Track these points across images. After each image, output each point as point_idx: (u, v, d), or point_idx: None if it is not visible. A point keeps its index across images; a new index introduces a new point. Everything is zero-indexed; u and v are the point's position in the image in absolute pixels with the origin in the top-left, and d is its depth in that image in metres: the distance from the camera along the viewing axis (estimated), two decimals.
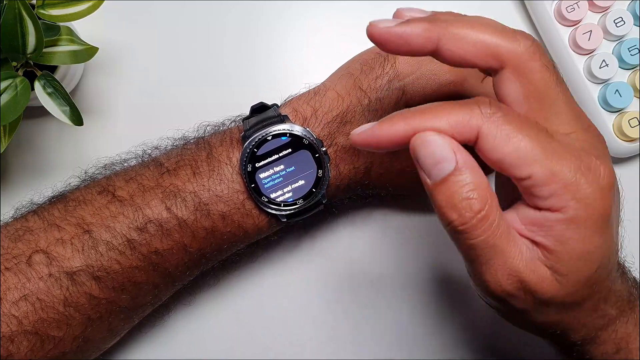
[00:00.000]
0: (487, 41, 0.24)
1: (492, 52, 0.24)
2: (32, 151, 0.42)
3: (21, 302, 0.30)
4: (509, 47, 0.24)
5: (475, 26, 0.24)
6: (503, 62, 0.24)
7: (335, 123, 0.34)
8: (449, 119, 0.23)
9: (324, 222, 0.42)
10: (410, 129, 0.23)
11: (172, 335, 0.41)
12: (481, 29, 0.24)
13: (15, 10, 0.31)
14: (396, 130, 0.24)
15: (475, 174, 0.23)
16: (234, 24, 0.44)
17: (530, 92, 0.24)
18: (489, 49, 0.24)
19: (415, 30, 0.24)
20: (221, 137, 0.34)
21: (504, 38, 0.24)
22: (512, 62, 0.24)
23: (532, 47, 0.24)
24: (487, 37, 0.24)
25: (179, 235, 0.32)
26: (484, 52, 0.24)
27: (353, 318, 0.41)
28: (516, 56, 0.24)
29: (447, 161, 0.23)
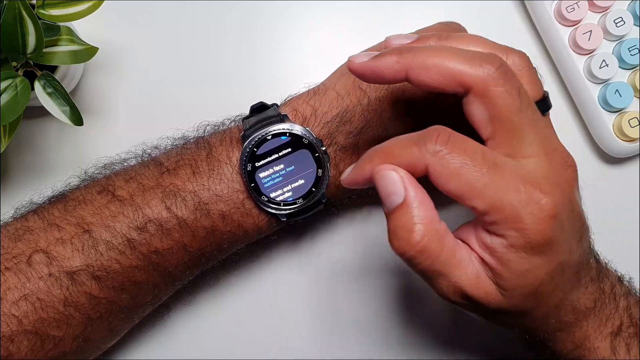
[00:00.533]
0: (451, 69, 0.25)
1: (456, 80, 0.26)
2: (32, 151, 0.42)
3: (21, 301, 0.30)
4: (472, 74, 0.25)
5: (442, 55, 0.26)
6: (467, 88, 0.26)
7: (335, 122, 0.34)
8: (401, 159, 0.25)
9: (324, 221, 0.42)
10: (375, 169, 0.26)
11: (172, 335, 0.41)
12: (447, 57, 0.26)
13: (15, 10, 0.31)
14: (366, 172, 0.27)
15: (421, 208, 0.25)
16: (234, 24, 0.44)
17: (494, 115, 0.26)
18: (453, 76, 0.26)
19: (385, 64, 0.27)
20: (221, 136, 0.34)
21: (469, 65, 0.25)
22: (476, 88, 0.25)
23: (497, 72, 0.25)
24: (452, 64, 0.26)
25: (179, 235, 0.32)
26: (449, 79, 0.26)
27: (353, 317, 0.41)
28: (480, 82, 0.25)
29: (396, 195, 0.25)
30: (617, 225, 0.42)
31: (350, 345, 0.41)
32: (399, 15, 0.44)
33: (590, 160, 0.43)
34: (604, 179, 0.43)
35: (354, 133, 0.34)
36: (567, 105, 0.44)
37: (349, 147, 0.34)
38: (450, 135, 0.25)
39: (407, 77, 0.27)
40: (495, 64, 0.25)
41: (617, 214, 0.43)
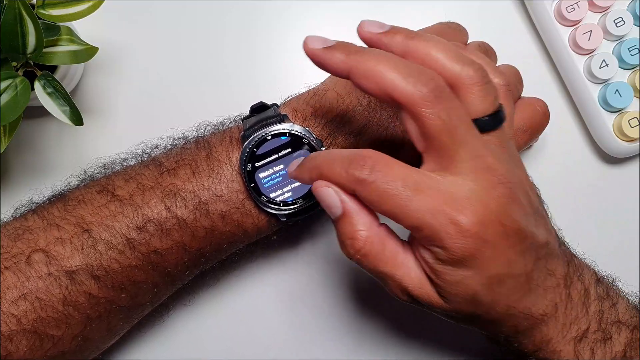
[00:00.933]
0: (387, 83, 0.26)
1: (389, 95, 0.26)
2: (32, 151, 0.42)
3: (20, 301, 0.30)
4: (404, 92, 0.26)
5: (383, 65, 0.26)
6: (398, 105, 0.26)
7: (335, 123, 0.34)
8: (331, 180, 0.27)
9: (324, 221, 0.42)
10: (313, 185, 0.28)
11: (171, 335, 0.41)
12: (387, 70, 0.26)
13: (15, 10, 0.31)
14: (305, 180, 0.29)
15: (360, 215, 0.27)
16: (234, 24, 0.44)
17: (424, 133, 0.26)
18: (387, 91, 0.26)
19: (332, 59, 0.28)
20: (221, 136, 0.34)
21: (404, 81, 0.26)
22: (406, 106, 0.26)
23: (429, 93, 0.26)
24: (388, 78, 0.26)
25: (179, 235, 0.32)
26: (383, 92, 0.26)
27: (353, 317, 0.41)
28: (410, 101, 0.26)
29: (335, 207, 0.28)
30: (617, 225, 0.42)
31: (350, 345, 0.41)
32: (399, 15, 0.44)
33: (590, 160, 0.43)
34: (604, 179, 0.43)
35: (354, 133, 0.34)
36: (567, 105, 0.44)
37: (349, 148, 0.34)
38: (375, 161, 0.26)
39: (349, 78, 0.28)
40: (429, 83, 0.26)
41: (617, 214, 0.43)
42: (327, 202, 0.28)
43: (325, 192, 0.28)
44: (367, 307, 0.41)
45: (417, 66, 0.27)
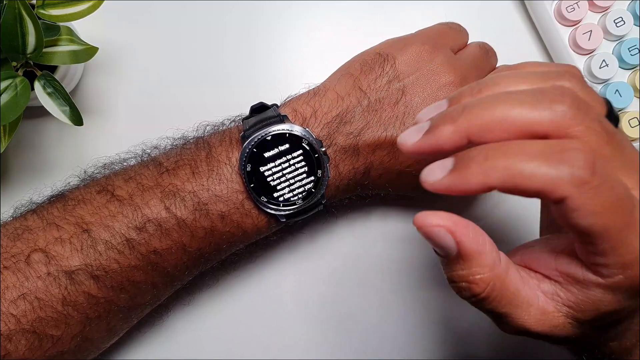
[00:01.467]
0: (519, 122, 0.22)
1: (528, 132, 0.22)
2: (32, 151, 0.42)
3: (19, 300, 0.30)
4: (544, 120, 0.22)
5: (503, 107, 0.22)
6: (543, 136, 0.22)
7: (335, 123, 0.34)
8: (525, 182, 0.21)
9: (324, 222, 0.42)
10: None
11: (171, 335, 0.41)
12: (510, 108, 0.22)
13: (15, 10, 0.31)
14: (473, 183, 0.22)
15: (480, 258, 0.23)
16: (234, 24, 0.44)
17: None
18: (524, 130, 0.22)
19: (442, 139, 0.23)
20: (220, 136, 0.34)
21: (538, 110, 0.22)
22: (553, 134, 0.22)
23: (572, 110, 0.22)
24: (518, 116, 0.22)
25: (178, 235, 0.32)
26: (521, 133, 0.22)
27: (353, 318, 0.41)
28: (555, 126, 0.22)
29: (448, 249, 0.23)
30: None
31: (350, 345, 0.41)
32: (399, 15, 0.44)
33: None
34: None
35: (354, 134, 0.34)
36: None
37: (348, 148, 0.34)
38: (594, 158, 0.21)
39: (472, 142, 0.22)
40: (566, 100, 0.22)
41: None
42: (438, 242, 0.23)
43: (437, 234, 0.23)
44: (368, 308, 0.41)
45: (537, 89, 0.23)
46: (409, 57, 0.35)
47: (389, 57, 0.35)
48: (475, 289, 0.23)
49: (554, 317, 0.24)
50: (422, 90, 0.34)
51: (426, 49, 0.35)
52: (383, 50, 0.35)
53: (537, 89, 0.23)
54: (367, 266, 0.41)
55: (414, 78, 0.34)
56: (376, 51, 0.36)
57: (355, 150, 0.34)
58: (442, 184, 0.22)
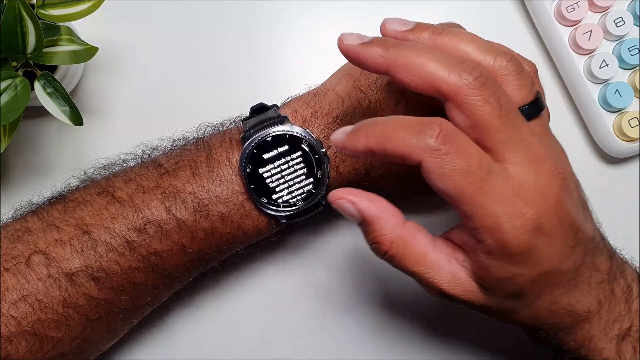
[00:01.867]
0: (430, 74, 0.26)
1: (434, 86, 0.26)
2: (32, 151, 0.42)
3: (20, 302, 0.30)
4: (449, 82, 0.25)
5: (424, 57, 0.26)
6: (444, 96, 0.26)
7: (335, 124, 0.34)
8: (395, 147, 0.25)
9: (324, 222, 0.42)
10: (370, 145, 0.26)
11: (171, 336, 0.41)
12: (428, 61, 0.26)
13: (15, 10, 0.31)
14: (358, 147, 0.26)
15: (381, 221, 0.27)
16: (234, 24, 0.44)
17: (474, 123, 0.25)
18: (431, 83, 0.26)
19: (370, 55, 0.27)
20: (221, 137, 0.34)
21: (447, 72, 0.25)
22: (452, 97, 0.25)
23: (474, 81, 0.25)
24: (431, 70, 0.26)
25: (178, 236, 0.32)
26: (427, 84, 0.26)
27: (353, 318, 0.41)
28: (456, 90, 0.25)
29: (354, 217, 0.28)
30: (617, 225, 0.42)
31: (350, 345, 0.41)
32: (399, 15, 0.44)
33: (590, 160, 0.43)
34: (604, 179, 0.43)
35: None
36: (567, 105, 0.43)
37: None
38: (452, 132, 0.25)
39: (388, 73, 0.27)
40: (474, 72, 0.25)
41: (617, 214, 0.43)
42: (345, 212, 0.28)
43: (342, 205, 0.28)
44: (367, 308, 0.41)
45: (457, 56, 0.26)
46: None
47: None
48: (381, 247, 0.28)
49: (465, 281, 0.28)
50: None
51: None
52: None
53: (457, 57, 0.26)
54: (367, 266, 0.41)
55: None
56: None
57: None
58: (340, 143, 0.27)
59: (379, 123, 0.26)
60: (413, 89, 0.26)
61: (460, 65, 0.25)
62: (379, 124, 0.26)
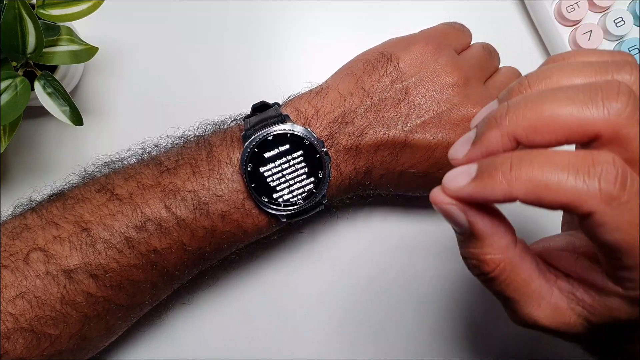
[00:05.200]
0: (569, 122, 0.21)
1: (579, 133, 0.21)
2: (32, 151, 0.42)
3: (18, 299, 0.30)
4: (596, 119, 0.20)
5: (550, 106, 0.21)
6: (595, 136, 0.21)
7: (337, 123, 0.34)
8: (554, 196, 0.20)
9: (325, 221, 0.42)
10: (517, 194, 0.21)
11: (170, 334, 0.40)
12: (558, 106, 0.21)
13: (15, 10, 0.31)
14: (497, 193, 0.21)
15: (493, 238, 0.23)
16: (235, 23, 0.44)
17: (629, 159, 0.21)
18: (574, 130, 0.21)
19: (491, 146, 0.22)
20: (221, 136, 0.34)
21: (590, 108, 0.20)
22: (605, 134, 0.21)
23: (629, 109, 0.20)
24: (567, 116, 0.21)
25: (178, 234, 0.32)
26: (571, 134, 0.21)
27: (353, 318, 0.41)
28: (609, 125, 0.20)
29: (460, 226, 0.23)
30: None
31: (350, 345, 0.41)
32: (399, 15, 0.44)
33: None
34: None
35: (356, 134, 0.34)
36: None
37: (350, 148, 0.34)
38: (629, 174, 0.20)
39: (522, 143, 0.21)
40: (621, 98, 0.20)
41: None
42: (451, 219, 0.23)
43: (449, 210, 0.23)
44: (368, 307, 0.41)
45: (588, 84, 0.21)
46: (412, 57, 0.35)
47: (393, 57, 0.35)
48: (484, 267, 0.23)
49: (567, 314, 0.24)
50: (425, 91, 0.34)
51: (430, 49, 0.35)
52: (386, 49, 0.35)
53: (588, 84, 0.21)
54: (367, 265, 0.41)
55: (417, 78, 0.34)
56: (379, 51, 0.36)
57: (357, 150, 0.34)
58: (465, 192, 0.22)
59: (527, 162, 0.20)
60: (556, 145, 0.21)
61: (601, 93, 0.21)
62: (529, 164, 0.20)
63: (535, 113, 0.21)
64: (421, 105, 0.34)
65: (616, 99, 0.20)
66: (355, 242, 0.42)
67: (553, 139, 0.21)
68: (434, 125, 0.34)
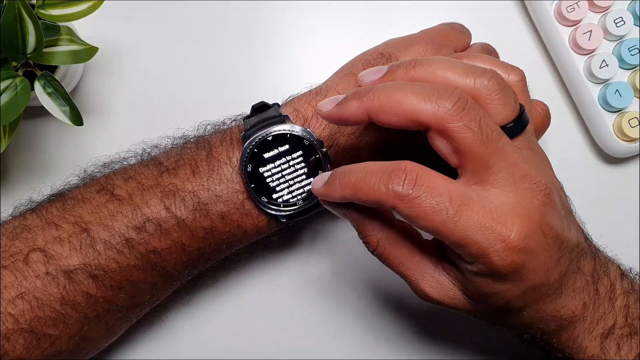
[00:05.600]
0: (407, 109, 0.26)
1: (414, 120, 0.26)
2: (32, 151, 0.42)
3: (17, 300, 0.30)
4: (428, 112, 0.26)
5: (397, 95, 0.26)
6: (426, 126, 0.26)
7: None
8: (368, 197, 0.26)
9: (324, 222, 0.42)
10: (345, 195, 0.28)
11: (170, 334, 0.40)
12: (403, 97, 0.26)
13: (15, 10, 0.31)
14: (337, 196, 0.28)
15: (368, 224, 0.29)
16: (235, 23, 0.44)
17: (457, 148, 0.26)
18: (410, 117, 0.26)
19: (348, 111, 0.28)
20: (221, 136, 0.34)
21: (424, 102, 0.26)
22: (434, 125, 0.26)
23: (453, 108, 0.25)
24: (408, 104, 0.26)
25: (178, 235, 0.32)
26: (407, 120, 0.26)
27: (352, 318, 0.41)
28: (436, 120, 0.26)
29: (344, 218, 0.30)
30: (617, 225, 0.42)
31: (349, 345, 0.41)
32: (399, 15, 0.44)
33: (590, 160, 0.43)
34: (604, 179, 0.43)
35: (355, 135, 0.34)
36: (567, 105, 0.44)
37: (350, 149, 0.34)
38: (417, 175, 0.25)
39: (370, 120, 0.27)
40: (451, 98, 0.26)
41: (617, 214, 0.43)
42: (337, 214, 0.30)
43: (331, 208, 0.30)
44: (366, 307, 0.41)
45: (431, 85, 0.27)
46: (412, 58, 0.35)
47: (392, 58, 0.35)
48: (369, 246, 0.29)
49: (450, 289, 0.29)
50: None
51: (429, 50, 0.35)
52: (386, 50, 0.35)
53: (432, 85, 0.27)
54: (367, 266, 0.41)
55: None
56: (379, 51, 0.35)
57: (357, 150, 0.34)
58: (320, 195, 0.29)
59: (351, 172, 0.27)
60: (397, 127, 0.27)
61: (437, 93, 0.26)
62: (351, 173, 0.27)
63: (387, 98, 0.27)
64: None
65: (447, 99, 0.26)
66: (354, 243, 0.41)
67: (394, 121, 0.27)
68: None
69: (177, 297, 0.40)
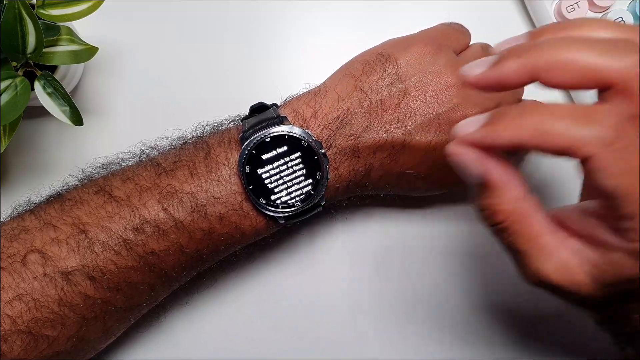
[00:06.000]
0: (587, 65, 0.22)
1: (595, 77, 0.22)
2: (32, 151, 0.42)
3: (15, 301, 0.30)
4: (613, 69, 0.22)
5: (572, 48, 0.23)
6: (608, 85, 0.22)
7: (335, 125, 0.34)
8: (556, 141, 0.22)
9: (322, 223, 0.42)
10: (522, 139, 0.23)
11: (168, 335, 0.41)
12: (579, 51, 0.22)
13: (15, 10, 0.31)
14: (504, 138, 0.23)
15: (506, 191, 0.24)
16: (234, 23, 0.44)
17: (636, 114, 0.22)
18: (590, 74, 0.22)
19: (509, 70, 0.24)
20: (219, 137, 0.34)
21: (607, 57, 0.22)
22: (619, 85, 0.22)
23: None
24: (587, 59, 0.22)
25: (176, 236, 0.32)
26: (585, 77, 0.22)
27: (351, 318, 0.41)
28: (623, 77, 0.22)
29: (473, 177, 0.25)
30: None
31: (348, 346, 0.41)
32: (399, 15, 0.44)
33: None
34: None
35: (354, 135, 0.34)
36: None
37: (349, 150, 0.34)
38: (628, 121, 0.21)
39: (537, 79, 0.23)
40: (632, 54, 0.22)
41: None
42: (466, 168, 0.25)
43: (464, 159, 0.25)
44: (366, 308, 0.41)
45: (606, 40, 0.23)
46: (411, 58, 0.35)
47: (391, 58, 0.35)
48: (497, 217, 0.25)
49: (576, 272, 0.25)
50: (424, 92, 0.34)
51: (429, 50, 0.35)
52: (385, 50, 0.35)
53: (610, 39, 0.23)
54: (365, 267, 0.41)
55: (415, 80, 0.34)
56: (378, 51, 0.35)
57: (355, 151, 0.34)
58: (474, 137, 0.24)
59: (531, 111, 0.23)
60: (569, 87, 0.23)
61: (618, 46, 0.22)
62: (533, 112, 0.23)
63: (558, 53, 0.23)
64: (420, 107, 0.34)
65: (633, 54, 0.22)
66: (353, 244, 0.42)
67: (568, 79, 0.23)
68: (432, 126, 0.34)
69: (176, 298, 0.40)
